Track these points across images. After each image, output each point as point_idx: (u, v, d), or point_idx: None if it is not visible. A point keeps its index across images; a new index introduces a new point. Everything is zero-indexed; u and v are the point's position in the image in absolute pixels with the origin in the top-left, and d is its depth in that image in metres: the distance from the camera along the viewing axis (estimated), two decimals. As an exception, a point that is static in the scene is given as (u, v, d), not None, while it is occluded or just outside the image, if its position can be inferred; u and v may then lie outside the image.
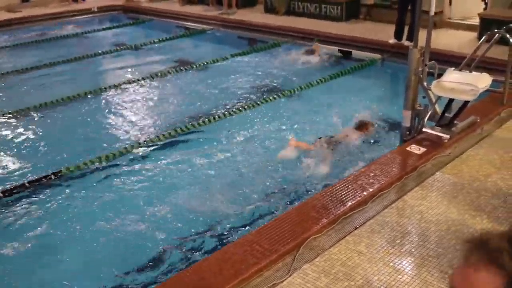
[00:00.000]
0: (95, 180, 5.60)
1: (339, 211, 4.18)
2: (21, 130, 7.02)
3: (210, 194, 5.21)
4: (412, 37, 8.05)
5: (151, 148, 6.22)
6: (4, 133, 6.89)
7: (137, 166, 5.83)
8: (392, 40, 9.59)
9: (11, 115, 7.37)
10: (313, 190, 5.10)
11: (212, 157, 5.99)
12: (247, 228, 4.56)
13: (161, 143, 6.34)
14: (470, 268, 1.16)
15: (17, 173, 5.73)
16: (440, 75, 5.43)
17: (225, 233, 4.56)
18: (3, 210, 5.02)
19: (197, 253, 4.30)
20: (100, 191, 5.35)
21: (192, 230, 4.63)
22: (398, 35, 9.54)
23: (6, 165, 5.94)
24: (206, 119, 6.97)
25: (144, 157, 6.02)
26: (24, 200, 5.18)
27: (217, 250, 3.99)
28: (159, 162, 5.92)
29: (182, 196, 5.19)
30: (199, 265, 3.66)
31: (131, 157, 6.03)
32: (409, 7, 9.20)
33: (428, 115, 5.50)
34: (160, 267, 4.16)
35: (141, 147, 6.20)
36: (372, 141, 6.20)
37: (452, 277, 1.23)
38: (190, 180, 5.51)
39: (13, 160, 6.08)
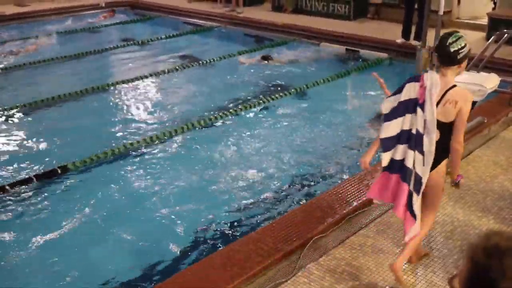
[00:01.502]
0: (101, 175, 5.62)
1: (344, 211, 4.17)
2: (28, 124, 7.05)
3: (216, 191, 5.22)
4: (419, 36, 8.03)
5: (157, 144, 6.23)
6: (11, 127, 6.91)
7: (141, 162, 5.84)
8: (400, 40, 9.55)
9: (18, 109, 7.38)
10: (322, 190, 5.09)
11: (217, 154, 5.99)
12: (252, 226, 4.56)
13: (168, 138, 6.35)
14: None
15: (23, 167, 5.75)
16: (448, 75, 5.39)
17: (230, 231, 4.56)
18: (10, 204, 5.04)
19: (202, 250, 4.30)
20: (104, 186, 5.36)
21: (197, 227, 4.63)
22: (405, 34, 9.50)
23: (13, 159, 5.95)
24: (213, 116, 6.96)
25: (149, 153, 6.03)
26: (30, 194, 5.19)
27: (222, 248, 4.00)
28: (165, 158, 5.92)
29: (187, 193, 5.20)
30: (204, 263, 3.67)
31: (137, 153, 6.03)
32: (416, 6, 9.16)
33: (435, 115, 5.46)
34: (164, 264, 4.17)
35: (146, 142, 6.20)
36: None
37: None
38: (195, 177, 5.51)
39: (20, 153, 6.10)
